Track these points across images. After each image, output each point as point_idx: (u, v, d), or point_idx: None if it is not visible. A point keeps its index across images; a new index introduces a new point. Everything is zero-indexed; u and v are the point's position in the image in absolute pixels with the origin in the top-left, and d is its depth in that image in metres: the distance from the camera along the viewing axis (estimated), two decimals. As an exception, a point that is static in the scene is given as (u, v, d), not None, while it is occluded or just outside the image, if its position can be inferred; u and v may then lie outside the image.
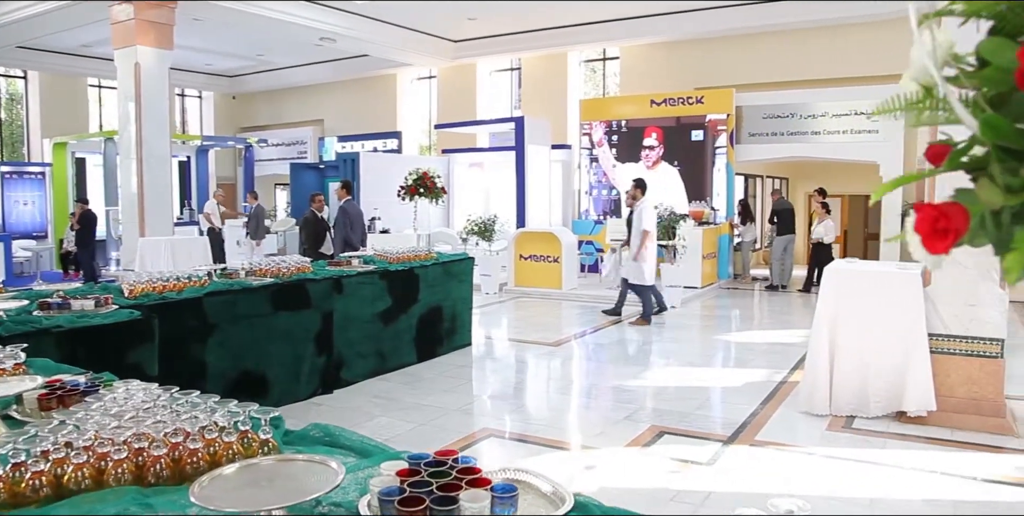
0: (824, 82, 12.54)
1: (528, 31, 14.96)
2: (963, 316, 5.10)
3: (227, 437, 1.61)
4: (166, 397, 1.86)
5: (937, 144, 1.11)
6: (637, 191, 9.00)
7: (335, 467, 1.42)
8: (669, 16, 13.42)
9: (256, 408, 1.70)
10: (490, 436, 4.97)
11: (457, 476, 1.40)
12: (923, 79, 0.99)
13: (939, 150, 1.10)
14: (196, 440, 1.59)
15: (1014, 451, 4.68)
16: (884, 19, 11.98)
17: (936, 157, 1.10)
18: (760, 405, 5.67)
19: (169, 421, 1.65)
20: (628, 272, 9.06)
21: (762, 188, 16.34)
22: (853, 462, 4.52)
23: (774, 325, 9.27)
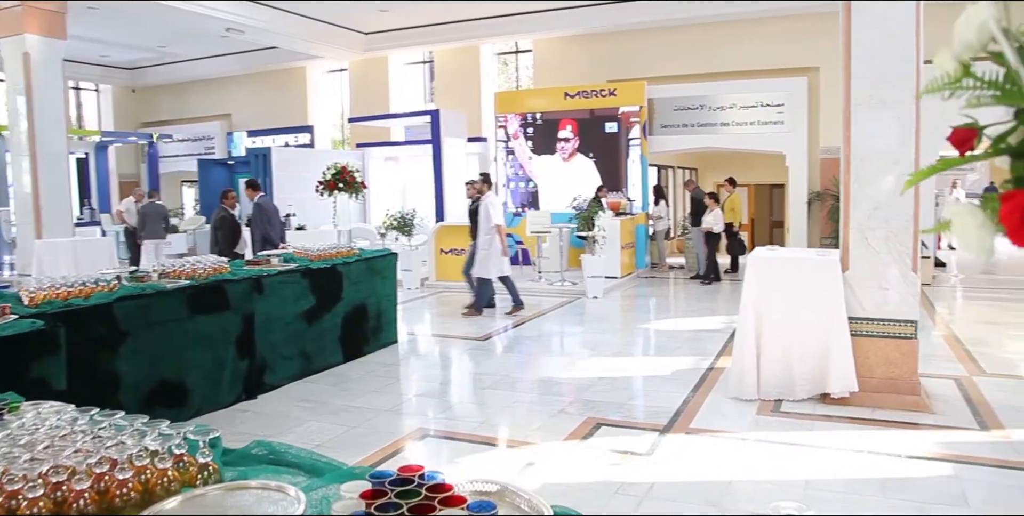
0: (732, 75, 12.87)
1: (440, 24, 14.78)
2: (879, 299, 5.26)
3: (160, 463, 1.45)
4: (85, 421, 1.66)
5: (962, 128, 1.06)
6: (484, 185, 8.98)
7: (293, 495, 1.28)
8: (581, 9, 13.48)
9: (192, 428, 1.53)
10: (426, 436, 4.84)
11: (428, 495, 1.28)
12: (965, 56, 0.94)
13: (964, 135, 1.05)
14: (125, 469, 1.41)
15: (931, 427, 4.86)
16: (790, 14, 12.34)
17: (962, 142, 1.05)
18: (691, 392, 5.73)
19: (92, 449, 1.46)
20: (476, 266, 9.03)
21: (674, 178, 16.66)
22: (785, 445, 4.60)
23: (694, 313, 9.42)
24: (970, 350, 6.98)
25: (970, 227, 0.87)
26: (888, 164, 5.08)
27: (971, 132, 1.01)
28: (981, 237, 0.87)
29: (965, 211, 0.89)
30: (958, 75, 0.94)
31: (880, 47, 5.03)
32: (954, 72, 0.95)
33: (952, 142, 1.03)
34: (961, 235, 0.89)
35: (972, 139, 1.01)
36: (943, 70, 0.97)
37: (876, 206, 5.14)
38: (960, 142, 1.02)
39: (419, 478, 1.33)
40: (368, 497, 1.27)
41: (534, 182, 14.01)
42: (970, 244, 0.88)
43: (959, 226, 0.88)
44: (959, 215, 0.89)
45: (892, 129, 5.02)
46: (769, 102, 12.46)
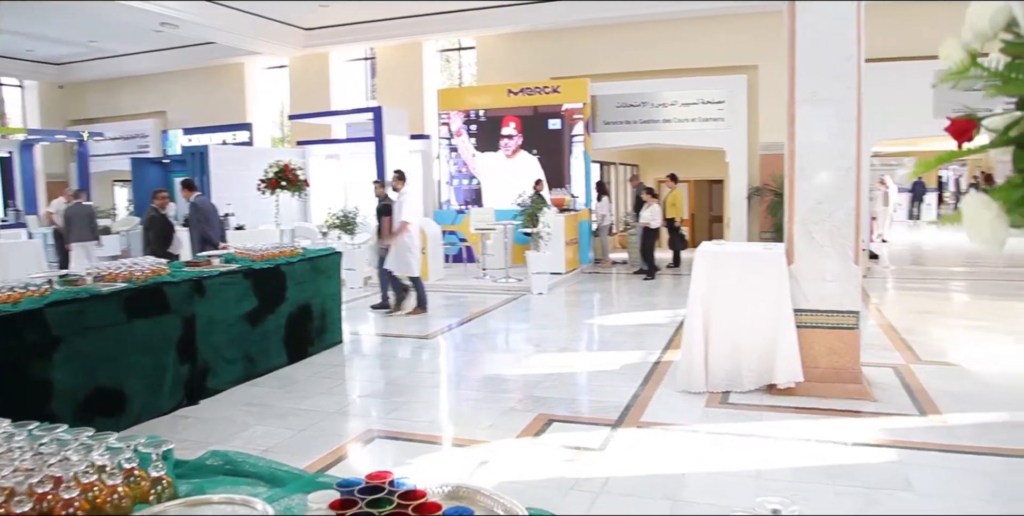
0: (674, 72, 13.01)
1: (382, 20, 14.57)
2: (822, 291, 5.38)
3: (110, 480, 1.35)
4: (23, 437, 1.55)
5: (960, 119, 1.06)
6: (399, 182, 8.85)
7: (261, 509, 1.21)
8: (524, 6, 13.45)
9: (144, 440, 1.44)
10: (375, 438, 4.76)
11: (400, 503, 1.23)
12: (976, 45, 0.94)
13: (963, 125, 1.04)
14: (71, 488, 1.31)
15: (873, 414, 4.99)
16: (730, 13, 12.54)
17: (961, 133, 1.04)
18: (640, 386, 5.77)
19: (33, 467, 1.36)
20: (393, 264, 8.84)
21: (616, 175, 16.81)
22: (735, 436, 4.67)
23: (639, 307, 9.50)
24: (905, 339, 7.20)
25: (985, 219, 0.87)
26: (831, 159, 5.19)
27: (970, 123, 1.01)
28: (995, 228, 0.86)
29: (981, 203, 0.88)
30: (966, 65, 0.94)
31: (823, 46, 5.14)
32: (962, 62, 0.95)
33: (951, 132, 1.02)
34: (975, 226, 0.88)
35: (971, 130, 1.01)
36: (950, 60, 0.97)
37: (820, 200, 5.25)
38: (959, 133, 1.01)
39: (389, 485, 1.28)
40: (338, 507, 1.21)
41: (477, 179, 13.96)
42: (984, 235, 0.87)
43: (974, 218, 0.87)
44: (974, 207, 0.88)
45: (834, 125, 5.14)
46: (710, 99, 12.66)
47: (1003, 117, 0.99)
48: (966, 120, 1.02)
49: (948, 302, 10.09)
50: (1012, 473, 4.01)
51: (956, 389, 5.51)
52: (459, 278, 11.66)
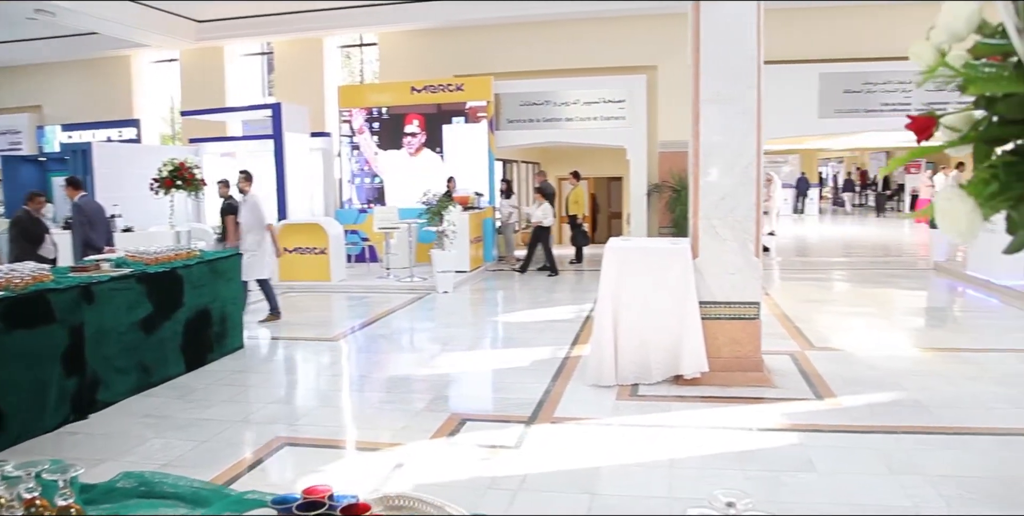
0: (577, 72, 13.19)
1: (280, 14, 14.11)
2: (725, 284, 5.56)
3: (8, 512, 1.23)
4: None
5: (921, 117, 1.09)
6: (247, 184, 8.55)
7: (192, 533, 1.12)
8: (426, 3, 13.31)
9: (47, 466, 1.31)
10: (285, 445, 4.59)
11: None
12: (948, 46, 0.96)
13: (923, 123, 1.07)
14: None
15: (774, 400, 5.20)
16: (631, 14, 12.80)
17: (922, 130, 1.07)
18: (551, 382, 5.80)
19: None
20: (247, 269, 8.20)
21: (518, 173, 16.91)
22: (646, 428, 4.77)
23: (544, 303, 9.57)
24: (798, 327, 7.55)
25: (961, 212, 0.89)
26: (733, 156, 5.37)
27: (929, 120, 1.04)
28: (972, 221, 0.88)
29: (957, 197, 0.90)
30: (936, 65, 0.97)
31: (726, 47, 5.30)
32: (934, 62, 0.97)
33: (912, 129, 1.05)
34: (951, 219, 0.90)
35: (931, 127, 1.04)
36: (920, 61, 0.99)
37: (722, 196, 5.42)
38: (920, 130, 1.04)
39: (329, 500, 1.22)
40: (274, 526, 1.14)
41: (380, 178, 13.75)
42: (959, 228, 0.89)
43: (950, 211, 0.89)
44: (951, 201, 0.90)
45: (736, 124, 5.31)
46: (611, 98, 12.90)
47: (960, 115, 1.02)
48: (926, 117, 1.05)
49: (831, 291, 10.64)
50: (901, 448, 4.26)
51: (847, 373, 5.81)
52: (362, 278, 11.46)
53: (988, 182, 0.90)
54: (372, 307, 9.42)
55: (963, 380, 5.58)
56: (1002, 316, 8.18)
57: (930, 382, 5.54)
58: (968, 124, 1.02)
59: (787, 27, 11.59)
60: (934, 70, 0.97)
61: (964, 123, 1.03)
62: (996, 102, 0.95)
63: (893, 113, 12.20)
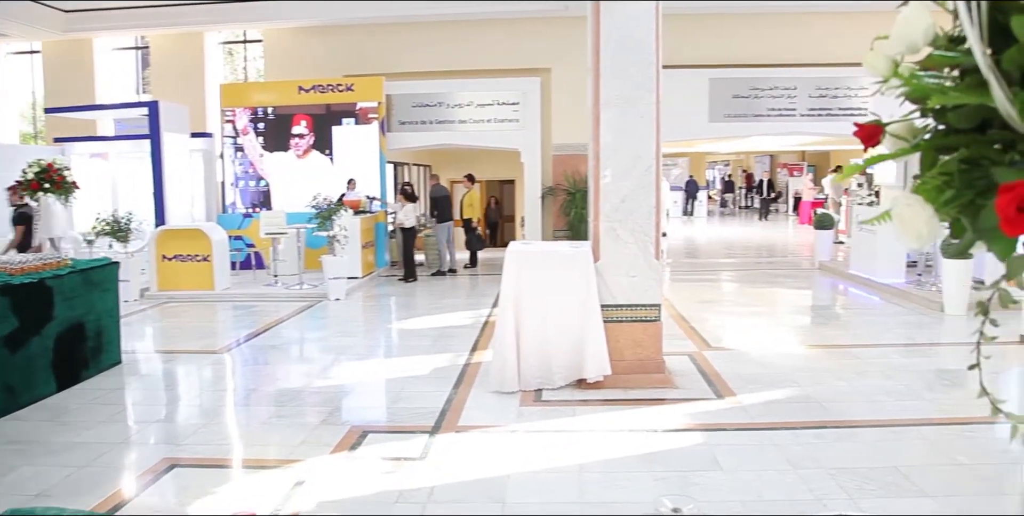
0: (470, 73, 13.12)
1: (155, 5, 13.33)
2: (627, 287, 5.61)
3: None
4: None
5: (867, 124, 1.07)
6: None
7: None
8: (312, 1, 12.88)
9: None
10: (174, 466, 4.26)
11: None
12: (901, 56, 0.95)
13: (870, 130, 1.06)
14: None
15: (677, 401, 5.28)
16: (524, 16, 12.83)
17: (869, 137, 1.05)
18: (453, 390, 5.69)
19: None
20: None
21: (410, 175, 16.70)
22: (553, 433, 4.73)
23: (440, 309, 9.42)
24: (695, 327, 7.74)
25: (921, 218, 0.86)
26: (633, 159, 5.41)
27: (876, 128, 1.03)
28: (932, 227, 0.86)
29: (917, 203, 0.87)
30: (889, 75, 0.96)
31: (626, 51, 5.35)
32: (887, 71, 0.96)
33: (859, 137, 1.04)
34: (909, 225, 0.87)
35: (878, 134, 1.03)
36: (874, 70, 0.98)
37: (623, 199, 5.46)
38: (867, 137, 1.03)
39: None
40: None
41: (266, 181, 13.24)
42: (918, 233, 0.86)
43: (909, 217, 0.87)
44: (911, 207, 0.87)
45: (637, 127, 5.36)
46: (505, 100, 12.91)
47: (904, 124, 1.02)
48: (873, 125, 1.04)
49: (723, 291, 11.01)
50: (800, 443, 4.40)
51: (744, 371, 5.98)
52: (248, 286, 10.97)
53: (941, 189, 0.88)
54: (260, 316, 9.01)
55: (852, 375, 5.84)
56: (883, 313, 8.66)
57: (822, 378, 5.77)
58: (911, 132, 1.05)
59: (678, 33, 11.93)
60: (887, 80, 0.96)
61: (907, 131, 1.04)
62: (945, 112, 0.95)
63: (779, 118, 12.82)
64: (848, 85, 12.82)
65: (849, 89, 12.84)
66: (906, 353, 6.68)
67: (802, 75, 12.75)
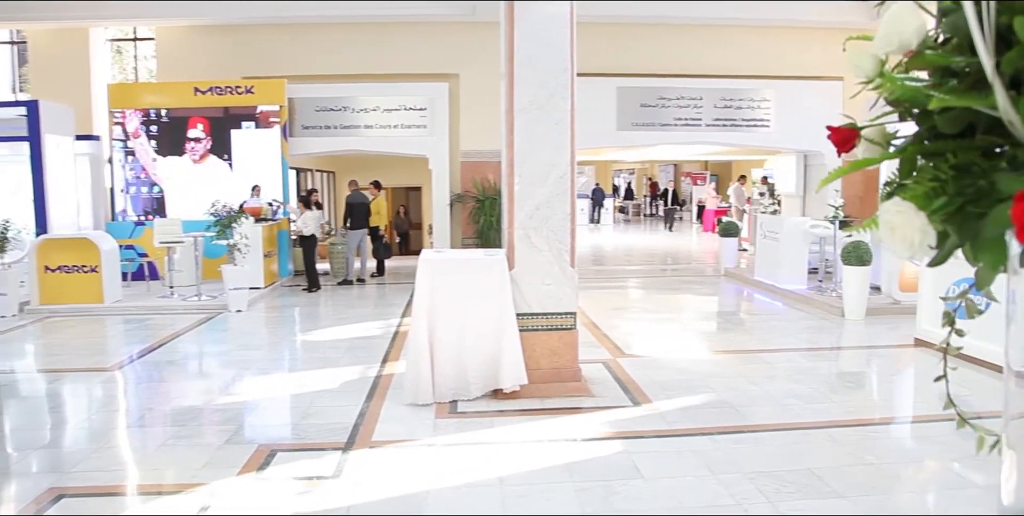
0: (376, 77, 12.85)
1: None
2: (542, 295, 5.56)
3: None
4: None
5: (842, 128, 1.01)
6: None
7: None
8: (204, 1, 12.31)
9: None
10: (61, 497, 3.90)
11: None
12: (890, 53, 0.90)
13: (846, 135, 1.00)
14: None
15: (594, 409, 5.26)
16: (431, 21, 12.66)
17: (844, 142, 1.00)
18: (365, 403, 5.50)
19: None
20: None
21: (313, 182, 16.27)
22: (471, 446, 4.61)
23: (348, 319, 9.14)
24: (607, 334, 7.78)
25: (915, 226, 0.81)
26: (548, 166, 5.37)
27: (852, 132, 0.98)
28: (925, 235, 0.81)
29: (910, 211, 0.82)
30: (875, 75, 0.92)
31: (541, 57, 5.30)
32: (873, 70, 0.92)
33: (833, 141, 0.99)
34: (900, 233, 0.82)
35: (853, 139, 0.98)
36: (861, 70, 0.93)
37: (537, 206, 5.41)
38: (842, 142, 0.98)
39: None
40: None
41: (159, 187, 12.59)
42: (912, 242, 0.81)
43: (903, 225, 0.81)
44: (903, 214, 0.81)
45: (551, 133, 5.32)
46: (412, 106, 12.73)
47: (876, 129, 0.98)
48: (848, 129, 0.99)
49: (633, 298, 11.17)
50: (718, 448, 4.45)
51: (658, 378, 6.03)
52: (141, 298, 10.37)
53: (931, 196, 0.84)
54: (154, 330, 8.51)
55: (762, 379, 5.98)
56: (787, 318, 8.95)
57: (734, 383, 5.87)
58: (884, 137, 1.01)
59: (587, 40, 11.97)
60: (872, 80, 0.92)
61: (880, 136, 1.00)
62: (929, 116, 0.91)
63: (685, 127, 13.16)
64: (751, 96, 13.29)
65: (752, 100, 13.31)
66: (811, 357, 6.90)
67: (708, 86, 13.13)
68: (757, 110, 13.31)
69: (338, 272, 12.72)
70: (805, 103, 13.24)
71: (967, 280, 5.54)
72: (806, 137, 13.39)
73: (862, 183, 13.51)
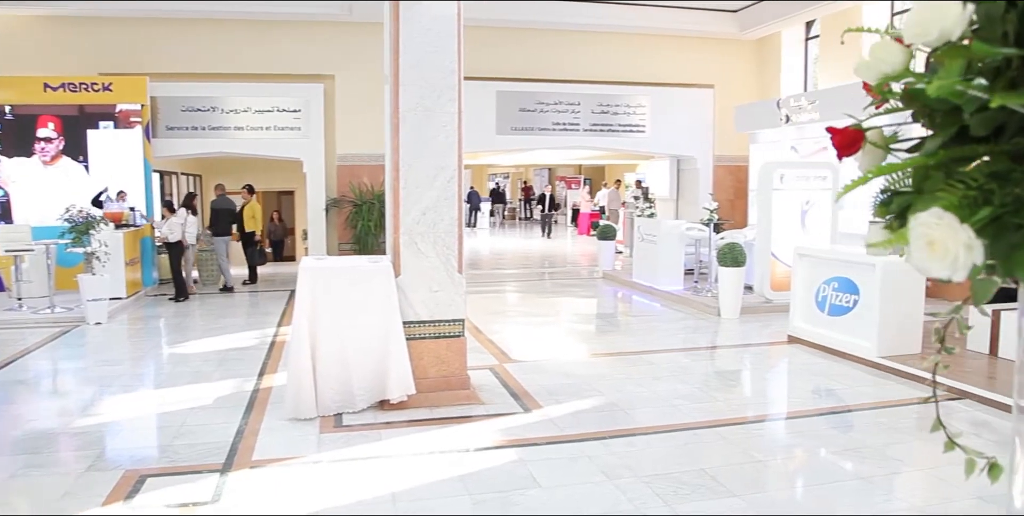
0: (248, 77, 12.25)
1: None
2: (430, 302, 5.43)
3: None
4: None
5: (848, 130, 0.93)
6: None
7: None
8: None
9: None
10: None
11: None
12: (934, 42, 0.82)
13: (852, 136, 0.92)
14: None
15: (485, 417, 5.18)
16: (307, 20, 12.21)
17: (849, 145, 0.92)
18: (242, 420, 5.20)
19: None
20: None
21: (178, 185, 15.41)
22: (359, 461, 4.43)
23: (220, 330, 8.66)
24: (492, 339, 7.72)
25: (959, 242, 0.71)
26: (435, 170, 5.25)
27: (857, 133, 0.90)
28: (972, 251, 0.72)
29: (949, 224, 0.72)
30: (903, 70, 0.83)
31: (428, 58, 5.17)
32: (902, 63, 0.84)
33: (836, 145, 0.91)
34: (940, 250, 0.72)
35: (859, 142, 0.90)
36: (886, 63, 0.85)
37: (424, 211, 5.27)
38: (846, 145, 0.90)
39: None
40: None
41: (4, 190, 11.53)
42: (954, 259, 0.72)
43: (941, 239, 0.72)
44: (942, 228, 0.72)
45: (439, 136, 5.20)
46: (286, 107, 12.24)
47: (875, 131, 0.91)
48: (854, 131, 0.91)
49: (514, 302, 11.18)
50: (612, 452, 4.46)
51: (546, 383, 6.01)
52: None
53: (971, 206, 0.75)
54: (1, 347, 7.76)
55: (649, 380, 6.07)
56: (667, 319, 9.18)
57: (621, 385, 5.94)
58: (882, 140, 0.95)
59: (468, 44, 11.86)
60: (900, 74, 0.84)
61: (880, 139, 0.93)
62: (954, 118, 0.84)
63: (564, 132, 13.34)
64: (628, 102, 13.64)
65: (628, 106, 13.66)
66: (693, 357, 7.09)
67: (586, 91, 13.38)
68: (633, 116, 13.68)
69: (207, 280, 12.09)
70: (678, 109, 13.76)
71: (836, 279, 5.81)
72: (679, 142, 13.91)
73: (732, 187, 14.14)
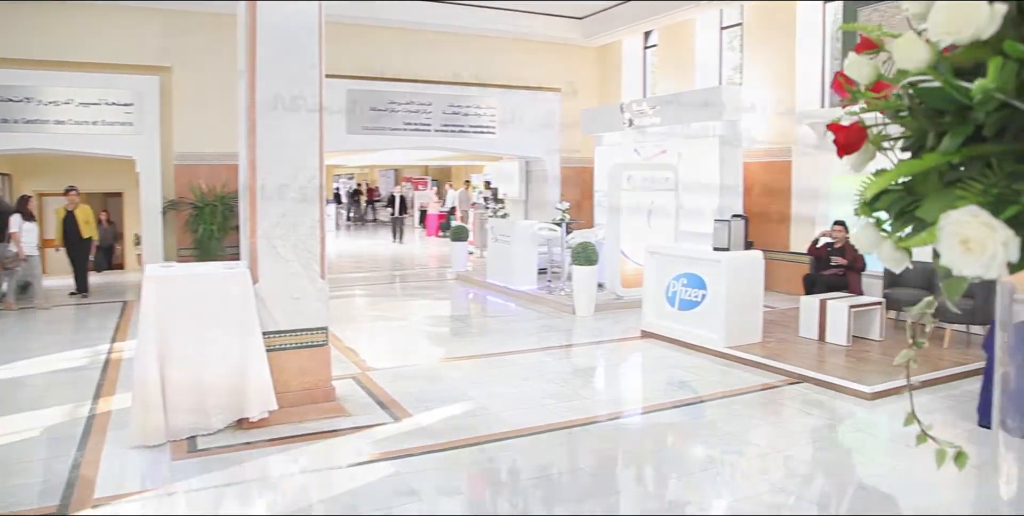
0: (69, 65, 10.98)
1: None
2: (291, 310, 5.12)
3: None
4: None
5: (852, 126, 0.87)
6: None
7: None
8: None
9: None
10: None
11: None
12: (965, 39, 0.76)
13: (856, 133, 0.86)
14: None
15: (353, 430, 4.94)
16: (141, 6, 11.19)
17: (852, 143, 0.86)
18: (78, 452, 4.63)
19: None
20: None
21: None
22: (219, 488, 4.08)
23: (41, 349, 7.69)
24: (351, 347, 7.43)
25: (997, 239, 0.66)
26: (295, 169, 4.94)
27: (861, 131, 0.84)
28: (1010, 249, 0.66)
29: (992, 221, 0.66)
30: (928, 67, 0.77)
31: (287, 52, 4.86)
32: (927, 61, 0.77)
33: (838, 142, 0.84)
34: (977, 248, 0.66)
35: (863, 139, 0.83)
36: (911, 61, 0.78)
37: (284, 213, 4.96)
38: (850, 143, 0.84)
39: None
40: None
41: None
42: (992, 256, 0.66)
43: (977, 238, 0.66)
44: (979, 226, 0.66)
45: (299, 134, 4.90)
46: (116, 100, 11.17)
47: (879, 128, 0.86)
48: (858, 128, 0.85)
49: (369, 307, 10.85)
50: (488, 458, 4.38)
51: (413, 389, 5.83)
52: None
53: (1000, 201, 0.71)
54: None
55: (518, 381, 6.03)
56: (524, 318, 9.21)
57: (490, 388, 5.86)
58: (877, 138, 0.90)
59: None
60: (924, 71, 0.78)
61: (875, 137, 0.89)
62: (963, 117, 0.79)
63: (415, 132, 13.16)
64: (478, 104, 13.65)
65: (478, 108, 13.68)
66: (556, 355, 7.14)
67: (437, 92, 13.27)
68: (483, 117, 13.72)
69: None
70: (526, 112, 13.96)
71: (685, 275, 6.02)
72: (527, 144, 14.11)
73: (578, 188, 14.50)
